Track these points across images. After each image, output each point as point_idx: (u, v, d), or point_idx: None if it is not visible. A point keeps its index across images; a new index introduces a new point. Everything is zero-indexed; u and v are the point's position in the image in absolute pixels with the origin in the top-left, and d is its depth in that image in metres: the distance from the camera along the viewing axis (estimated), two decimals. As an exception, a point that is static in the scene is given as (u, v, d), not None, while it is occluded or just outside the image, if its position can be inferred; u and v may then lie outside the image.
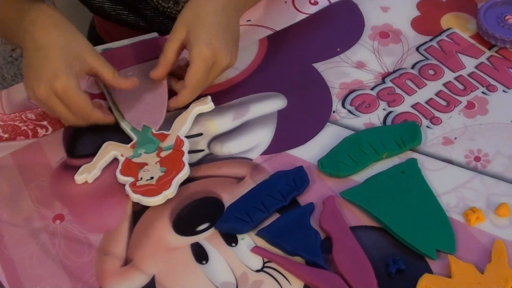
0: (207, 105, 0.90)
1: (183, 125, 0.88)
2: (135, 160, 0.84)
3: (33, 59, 0.84)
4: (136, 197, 0.80)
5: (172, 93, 0.90)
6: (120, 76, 0.87)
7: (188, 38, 0.86)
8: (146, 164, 0.83)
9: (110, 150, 0.86)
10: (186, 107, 0.89)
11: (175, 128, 0.88)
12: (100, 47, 0.99)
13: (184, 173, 0.82)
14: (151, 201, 0.80)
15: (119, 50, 0.98)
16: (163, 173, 0.82)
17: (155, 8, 1.08)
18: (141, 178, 0.82)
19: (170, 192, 0.80)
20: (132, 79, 0.88)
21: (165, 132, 0.87)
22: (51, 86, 0.81)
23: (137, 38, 1.01)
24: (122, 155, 0.85)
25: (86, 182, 0.84)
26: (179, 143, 0.85)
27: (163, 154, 0.84)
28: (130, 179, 0.82)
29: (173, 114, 0.89)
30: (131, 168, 0.83)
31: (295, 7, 1.05)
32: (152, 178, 0.81)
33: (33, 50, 0.84)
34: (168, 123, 0.88)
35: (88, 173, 0.83)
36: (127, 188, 0.81)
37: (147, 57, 0.96)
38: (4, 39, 0.87)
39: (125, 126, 0.88)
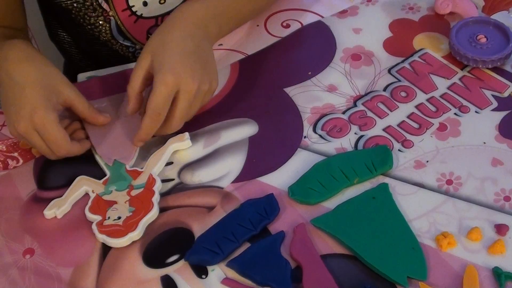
0: (184, 142, 0.88)
1: (157, 163, 0.86)
2: (105, 197, 0.83)
3: (10, 96, 0.84)
4: (101, 237, 0.79)
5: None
6: (94, 111, 0.87)
7: (153, 65, 0.84)
8: (115, 202, 0.82)
9: (82, 185, 0.84)
10: (163, 142, 0.88)
11: (149, 165, 0.86)
12: (85, 75, 0.99)
13: (152, 214, 0.80)
14: (115, 242, 0.78)
15: (103, 78, 0.98)
16: (131, 214, 0.80)
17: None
18: (109, 218, 0.80)
19: (136, 234, 0.78)
20: (104, 116, 0.87)
21: (139, 169, 0.85)
22: (30, 120, 0.81)
23: (124, 66, 1.01)
24: (93, 191, 0.83)
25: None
26: (151, 182, 0.83)
27: (133, 192, 0.83)
28: (98, 218, 0.80)
29: (148, 149, 0.88)
30: (100, 206, 0.81)
31: (267, 31, 1.05)
32: (119, 218, 0.80)
33: (9, 85, 0.84)
34: (144, 159, 0.87)
35: (57, 208, 0.82)
36: (94, 227, 0.80)
37: None
38: None
39: (99, 160, 0.87)
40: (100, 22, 1.03)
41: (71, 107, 0.86)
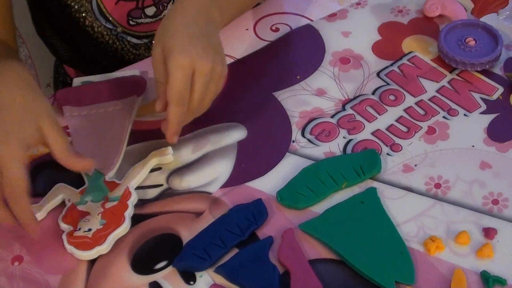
0: (166, 156, 0.87)
1: (136, 176, 0.85)
2: (80, 207, 0.82)
3: None
4: (69, 248, 0.78)
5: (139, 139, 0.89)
6: (73, 155, 0.77)
7: (164, 54, 0.81)
8: (88, 213, 0.81)
9: (59, 193, 0.84)
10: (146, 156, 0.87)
11: (127, 178, 0.85)
12: (80, 79, 0.99)
13: (122, 229, 0.79)
14: (82, 255, 0.77)
15: (97, 84, 0.97)
16: (101, 226, 0.79)
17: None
18: (79, 229, 0.79)
19: (103, 248, 0.77)
20: (86, 162, 0.78)
21: (117, 181, 0.84)
22: None
23: (119, 72, 1.00)
24: (69, 200, 0.83)
25: (44, 223, 0.82)
26: (126, 195, 0.82)
27: (108, 205, 0.81)
28: (69, 228, 0.80)
29: (130, 162, 0.87)
30: (74, 216, 0.81)
31: (257, 35, 1.05)
32: (90, 230, 0.79)
33: None
34: (126, 171, 0.86)
35: None
36: (63, 237, 0.79)
37: (122, 95, 0.94)
38: None
39: None
40: (83, 3, 1.03)
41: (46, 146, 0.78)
